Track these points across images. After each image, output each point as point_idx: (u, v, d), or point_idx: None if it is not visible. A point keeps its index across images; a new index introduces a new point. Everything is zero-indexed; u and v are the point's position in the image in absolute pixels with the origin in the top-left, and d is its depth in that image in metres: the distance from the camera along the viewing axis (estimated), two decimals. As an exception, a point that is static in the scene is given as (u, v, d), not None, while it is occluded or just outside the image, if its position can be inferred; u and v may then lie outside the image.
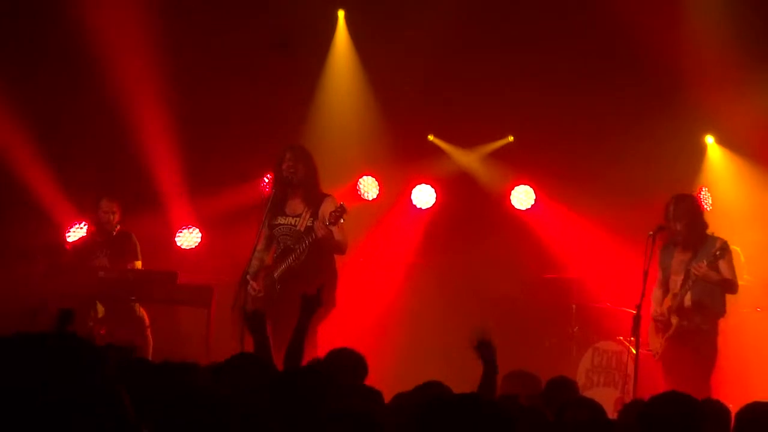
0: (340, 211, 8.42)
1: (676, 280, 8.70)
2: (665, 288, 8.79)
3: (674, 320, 8.65)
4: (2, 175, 10.95)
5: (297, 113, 11.77)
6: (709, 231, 8.73)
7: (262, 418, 3.60)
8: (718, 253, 8.43)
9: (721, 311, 8.70)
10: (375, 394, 4.72)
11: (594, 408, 4.86)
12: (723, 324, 8.86)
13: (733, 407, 5.22)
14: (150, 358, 8.36)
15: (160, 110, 11.16)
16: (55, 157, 11.16)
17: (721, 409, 5.31)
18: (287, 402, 3.92)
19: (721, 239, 8.61)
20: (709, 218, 9.08)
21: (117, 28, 10.74)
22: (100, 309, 9.89)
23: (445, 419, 2.81)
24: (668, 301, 8.69)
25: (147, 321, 10.06)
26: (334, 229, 8.50)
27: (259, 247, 8.88)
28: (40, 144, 11.01)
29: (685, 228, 8.62)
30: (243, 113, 11.73)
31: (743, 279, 10.10)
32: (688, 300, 8.60)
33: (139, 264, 10.21)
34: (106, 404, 1.91)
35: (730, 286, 8.66)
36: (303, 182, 8.79)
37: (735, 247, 8.64)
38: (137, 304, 10.03)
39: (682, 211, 8.64)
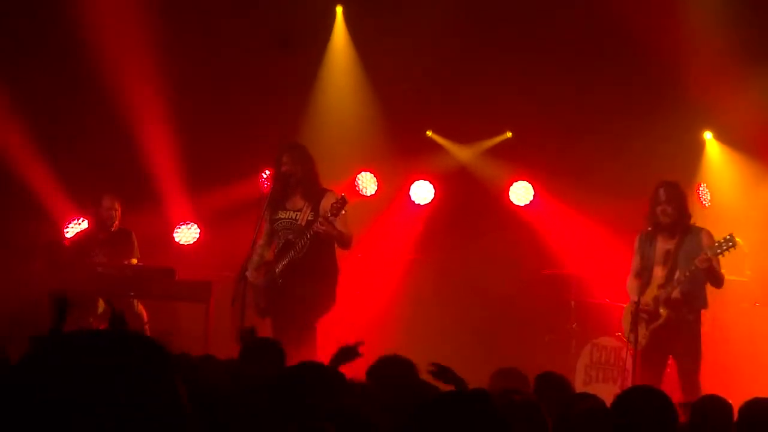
0: (341, 203, 8.34)
1: (661, 270, 8.54)
2: (645, 278, 8.58)
3: (663, 311, 8.44)
4: (1, 174, 10.94)
5: (295, 109, 11.76)
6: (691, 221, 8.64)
7: (262, 418, 3.60)
8: (725, 245, 8.24)
9: (705, 303, 8.52)
10: (374, 394, 4.71)
11: (597, 401, 4.85)
12: (720, 319, 8.82)
13: (733, 402, 5.22)
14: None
15: (159, 107, 11.16)
16: (54, 154, 11.15)
17: (722, 405, 5.31)
18: (287, 402, 3.92)
19: (706, 230, 8.53)
20: (707, 214, 9.05)
21: (117, 28, 10.73)
22: (101, 305, 9.89)
23: (440, 417, 2.81)
24: (653, 291, 8.49)
25: (146, 317, 10.06)
26: (336, 221, 8.45)
27: (259, 242, 8.81)
28: (39, 142, 11.00)
29: (675, 212, 8.52)
30: (241, 109, 11.72)
31: (744, 275, 10.09)
32: (677, 291, 8.43)
33: (135, 262, 10.22)
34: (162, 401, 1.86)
35: (722, 280, 8.47)
36: (302, 181, 8.73)
37: (738, 239, 8.56)
38: (136, 300, 10.02)
39: (673, 195, 8.57)
